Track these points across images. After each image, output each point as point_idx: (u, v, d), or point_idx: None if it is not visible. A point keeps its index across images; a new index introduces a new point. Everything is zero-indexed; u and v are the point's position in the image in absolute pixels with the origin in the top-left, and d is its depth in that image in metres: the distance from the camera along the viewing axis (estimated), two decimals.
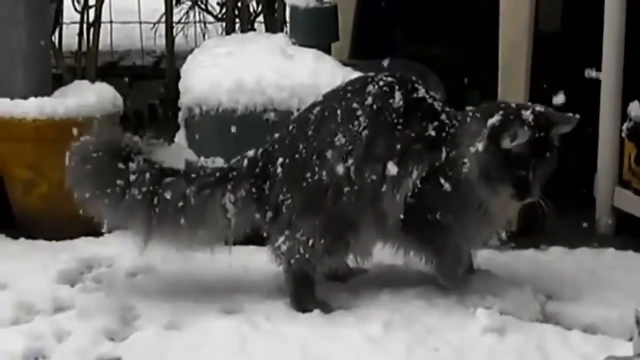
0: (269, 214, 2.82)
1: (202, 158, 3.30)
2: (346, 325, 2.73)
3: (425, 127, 2.78)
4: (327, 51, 3.44)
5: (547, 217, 3.09)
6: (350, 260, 2.92)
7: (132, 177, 2.82)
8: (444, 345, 2.65)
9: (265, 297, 2.87)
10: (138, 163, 2.84)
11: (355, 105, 2.79)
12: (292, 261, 2.82)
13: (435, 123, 2.79)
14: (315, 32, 3.46)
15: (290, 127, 2.86)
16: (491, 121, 2.72)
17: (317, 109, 2.84)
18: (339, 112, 2.79)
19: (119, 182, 2.82)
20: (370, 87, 2.81)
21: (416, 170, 2.77)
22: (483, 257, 3.06)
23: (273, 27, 4.29)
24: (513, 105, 2.80)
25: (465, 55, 3.74)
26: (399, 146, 2.77)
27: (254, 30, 4.39)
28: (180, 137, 3.38)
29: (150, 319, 2.78)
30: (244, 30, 4.32)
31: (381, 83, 2.81)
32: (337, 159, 2.76)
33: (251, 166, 2.86)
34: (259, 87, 3.21)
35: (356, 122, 2.77)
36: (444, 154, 2.78)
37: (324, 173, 2.77)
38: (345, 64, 3.34)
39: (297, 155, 2.80)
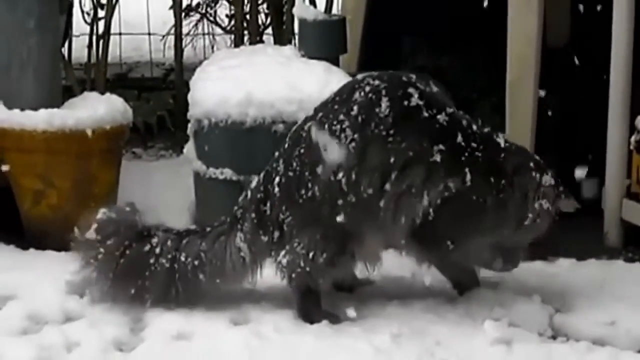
0: (276, 234, 2.82)
1: (211, 169, 3.31)
2: (355, 336, 2.73)
3: (429, 149, 2.73)
4: (336, 63, 3.46)
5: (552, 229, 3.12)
6: (359, 269, 2.91)
7: (158, 250, 2.84)
8: (452, 357, 2.65)
9: (274, 308, 2.88)
10: (158, 236, 2.86)
11: (341, 116, 2.76)
12: (293, 275, 2.82)
13: (440, 146, 2.73)
14: (324, 45, 3.47)
15: (286, 145, 2.85)
16: (549, 182, 2.80)
17: (309, 124, 2.82)
18: (326, 126, 2.77)
19: (151, 261, 2.84)
20: (356, 95, 2.77)
21: (427, 195, 2.74)
22: None
23: (282, 39, 4.30)
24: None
25: (473, 67, 3.75)
26: (393, 159, 2.73)
27: (263, 42, 4.41)
28: (190, 148, 3.40)
29: (158, 329, 2.78)
30: (252, 42, 4.33)
31: (367, 89, 2.77)
32: (328, 173, 2.75)
33: (253, 196, 2.86)
34: (268, 100, 3.23)
35: (343, 135, 2.74)
36: (468, 177, 2.75)
37: (316, 189, 2.76)
38: (353, 76, 3.35)
39: (290, 173, 2.80)
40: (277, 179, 2.81)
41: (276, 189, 2.81)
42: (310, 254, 2.78)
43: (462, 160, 2.75)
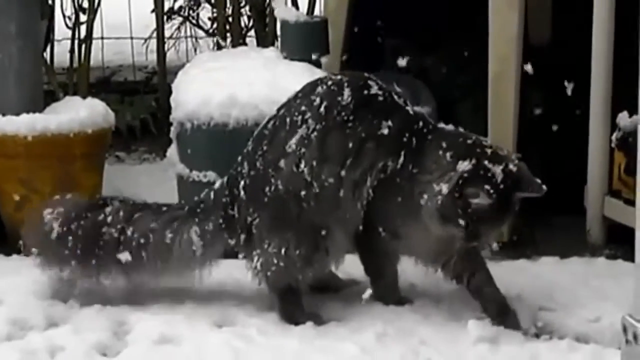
0: (242, 237, 2.82)
1: (194, 172, 3.31)
2: (340, 337, 2.74)
3: (378, 124, 2.75)
4: (318, 65, 3.46)
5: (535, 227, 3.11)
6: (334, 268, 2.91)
7: (109, 219, 2.86)
8: (437, 356, 2.66)
9: (258, 310, 2.88)
10: (113, 205, 2.88)
11: (303, 108, 2.78)
12: (269, 274, 2.82)
13: (389, 122, 2.75)
14: (306, 46, 3.47)
15: (250, 147, 2.86)
16: (462, 168, 2.66)
17: (271, 122, 2.84)
18: (288, 120, 2.79)
19: (103, 230, 2.85)
20: (319, 89, 2.80)
21: (369, 175, 2.75)
22: None
23: (264, 41, 4.30)
24: (488, 151, 2.70)
25: (456, 67, 3.76)
26: (351, 145, 2.75)
27: (245, 44, 4.41)
28: (172, 151, 3.39)
29: (143, 333, 2.78)
30: (235, 44, 4.33)
31: (329, 82, 2.81)
32: (291, 165, 2.76)
33: (218, 197, 2.86)
34: (251, 102, 3.22)
35: (304, 126, 2.77)
36: (401, 160, 2.75)
37: (280, 183, 2.77)
38: None
39: (255, 173, 2.80)
40: (242, 182, 2.82)
41: (242, 193, 2.82)
42: (283, 250, 2.78)
43: (403, 141, 2.75)
